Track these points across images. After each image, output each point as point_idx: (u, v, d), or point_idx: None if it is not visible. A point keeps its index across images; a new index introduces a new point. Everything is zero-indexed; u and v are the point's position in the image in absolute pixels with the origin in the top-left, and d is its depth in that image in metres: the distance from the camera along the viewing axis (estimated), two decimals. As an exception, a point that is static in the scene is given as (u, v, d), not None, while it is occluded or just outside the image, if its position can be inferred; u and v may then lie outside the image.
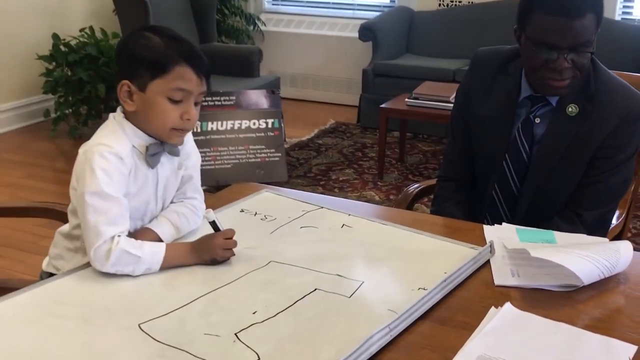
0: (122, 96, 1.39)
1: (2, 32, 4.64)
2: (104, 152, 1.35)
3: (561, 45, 1.55)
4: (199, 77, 1.38)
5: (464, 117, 1.82)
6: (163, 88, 1.36)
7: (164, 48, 1.37)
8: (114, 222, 1.34)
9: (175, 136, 1.42)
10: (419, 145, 4.67)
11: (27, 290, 1.27)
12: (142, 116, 1.40)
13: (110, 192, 1.34)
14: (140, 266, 1.34)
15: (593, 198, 1.69)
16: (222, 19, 5.49)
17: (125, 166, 1.38)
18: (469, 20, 5.06)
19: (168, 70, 1.35)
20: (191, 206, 1.53)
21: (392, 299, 1.28)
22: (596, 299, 1.29)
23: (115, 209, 1.34)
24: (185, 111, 1.39)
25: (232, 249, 1.40)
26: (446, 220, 1.68)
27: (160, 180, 1.47)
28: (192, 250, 1.39)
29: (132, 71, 1.38)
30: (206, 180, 3.84)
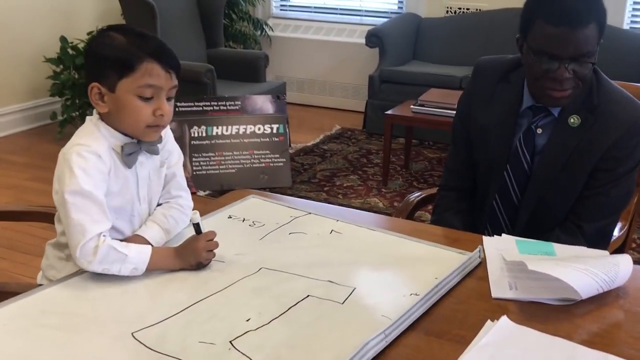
0: (94, 99, 1.39)
1: (10, 34, 4.66)
2: (81, 152, 1.35)
3: (562, 55, 1.54)
4: (167, 72, 1.37)
5: (466, 126, 1.81)
6: (132, 86, 1.36)
7: (128, 46, 1.36)
8: (98, 220, 1.34)
9: (151, 133, 1.42)
10: (425, 152, 4.65)
11: (16, 300, 1.26)
12: (116, 116, 1.39)
13: (91, 190, 1.34)
14: (127, 265, 1.33)
15: (594, 210, 1.68)
16: (229, 24, 5.50)
17: (105, 165, 1.38)
18: (476, 27, 5.05)
19: (135, 68, 1.35)
20: (178, 205, 1.53)
21: (384, 305, 1.27)
22: (594, 313, 1.28)
23: (97, 207, 1.34)
24: (157, 107, 1.38)
25: (213, 250, 1.40)
26: (445, 230, 1.67)
27: (140, 179, 1.46)
28: (177, 254, 1.39)
29: (99, 73, 1.38)
30: (210, 184, 3.86)
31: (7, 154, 4.34)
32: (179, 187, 1.56)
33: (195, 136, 3.92)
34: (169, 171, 1.54)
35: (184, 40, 4.67)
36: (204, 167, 3.91)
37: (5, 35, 4.63)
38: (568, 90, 1.59)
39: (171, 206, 1.53)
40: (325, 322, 1.21)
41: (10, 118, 4.74)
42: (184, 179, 1.58)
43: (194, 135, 3.92)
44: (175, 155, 1.56)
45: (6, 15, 4.63)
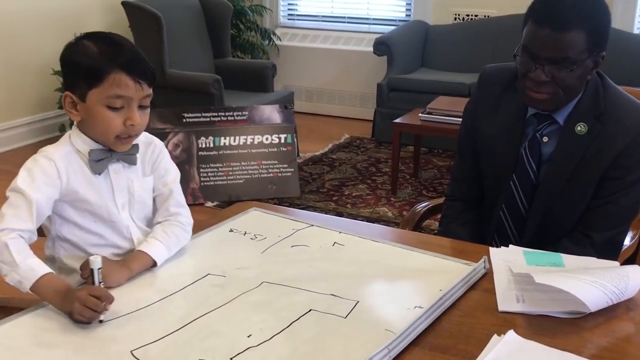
0: (67, 107, 1.40)
1: (18, 47, 4.69)
2: (36, 157, 1.39)
3: (540, 55, 1.54)
4: (136, 83, 1.36)
5: (472, 136, 1.79)
6: (100, 97, 1.35)
7: (97, 56, 1.35)
8: (19, 216, 1.32)
9: (121, 143, 1.42)
10: (434, 160, 4.62)
11: (14, 318, 1.25)
12: (88, 125, 1.41)
13: (24, 189, 1.33)
14: (14, 275, 1.26)
15: (603, 219, 1.65)
16: (237, 34, 5.50)
17: (55, 167, 1.38)
18: (484, 34, 5.03)
19: (103, 78, 1.34)
20: (178, 223, 1.52)
21: (388, 318, 1.26)
22: (604, 326, 1.24)
23: (25, 205, 1.33)
24: (127, 117, 1.38)
25: (95, 311, 1.21)
26: (451, 241, 1.64)
27: (116, 187, 1.46)
28: (62, 293, 1.25)
29: (71, 82, 1.38)
30: (218, 195, 3.85)
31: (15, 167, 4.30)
32: (178, 204, 1.54)
33: (202, 147, 3.91)
34: (165, 189, 1.53)
35: (191, 50, 4.68)
36: (212, 177, 3.89)
37: (13, 48, 4.65)
38: (545, 95, 1.58)
39: (172, 223, 1.51)
40: (328, 337, 1.19)
41: (18, 131, 4.76)
42: (182, 196, 1.56)
43: (201, 146, 3.91)
44: (172, 172, 1.55)
45: (14, 28, 4.65)
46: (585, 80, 1.60)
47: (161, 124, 3.88)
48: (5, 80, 4.66)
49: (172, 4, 4.65)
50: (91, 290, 1.23)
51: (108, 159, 1.43)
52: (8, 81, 4.67)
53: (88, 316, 1.21)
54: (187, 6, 4.78)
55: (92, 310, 1.20)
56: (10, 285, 1.32)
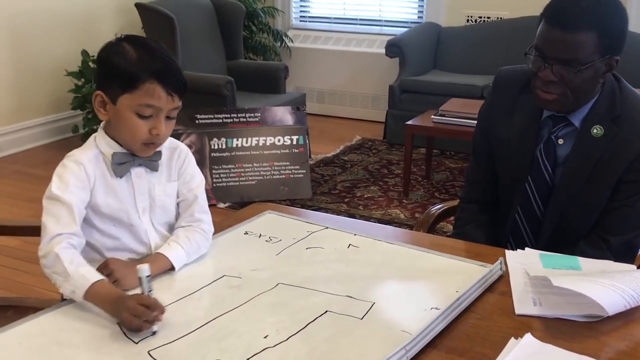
0: (96, 105, 1.41)
1: (32, 49, 4.72)
2: (64, 162, 1.40)
3: (548, 54, 1.55)
4: (169, 95, 1.37)
5: (487, 138, 1.78)
6: (132, 103, 1.37)
7: (136, 62, 1.36)
8: (60, 222, 1.34)
9: (144, 150, 1.43)
10: (446, 162, 4.61)
11: (33, 318, 1.26)
12: (114, 127, 1.42)
13: (59, 195, 1.35)
14: (67, 285, 1.27)
15: (620, 222, 1.64)
16: (249, 35, 5.51)
17: (84, 171, 1.39)
18: (496, 36, 5.01)
19: (137, 86, 1.35)
20: (201, 230, 1.51)
21: (404, 319, 1.26)
22: (622, 330, 1.24)
23: (64, 210, 1.34)
24: (154, 127, 1.39)
25: (145, 320, 1.19)
26: (466, 244, 1.64)
27: (138, 191, 1.46)
28: (114, 300, 1.24)
29: (105, 82, 1.39)
30: (230, 196, 3.85)
31: (29, 167, 4.38)
32: (202, 210, 1.54)
33: (215, 148, 3.92)
34: (190, 194, 1.53)
35: (204, 52, 4.69)
36: (224, 179, 3.90)
37: (27, 50, 4.68)
38: (553, 95, 1.58)
39: (194, 229, 1.51)
40: (344, 338, 1.19)
41: (32, 132, 4.79)
42: (206, 202, 1.56)
43: (213, 147, 3.92)
44: (197, 178, 1.56)
45: (28, 30, 4.68)
46: (596, 83, 1.59)
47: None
48: (18, 81, 4.69)
49: (185, 5, 4.67)
50: (140, 300, 1.21)
51: (130, 162, 1.44)
52: (21, 82, 4.70)
53: (136, 325, 1.18)
54: (200, 8, 4.80)
55: (141, 319, 1.18)
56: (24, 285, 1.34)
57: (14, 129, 4.70)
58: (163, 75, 1.36)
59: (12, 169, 4.37)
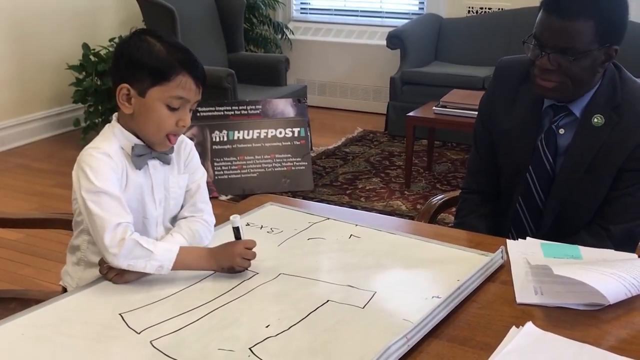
0: (121, 99, 1.40)
1: (33, 42, 4.72)
2: (92, 153, 1.38)
3: (545, 43, 1.55)
4: (197, 87, 1.40)
5: (488, 128, 1.78)
6: (163, 95, 1.38)
7: (166, 55, 1.38)
8: (117, 213, 1.34)
9: (166, 143, 1.44)
10: (447, 154, 4.61)
11: (36, 309, 1.26)
12: (138, 120, 1.41)
13: (102, 186, 1.34)
14: (152, 262, 1.33)
15: (621, 212, 1.64)
16: (250, 28, 5.51)
17: (115, 163, 1.39)
18: (498, 26, 5.00)
19: (170, 78, 1.37)
20: (203, 221, 1.52)
21: (406, 308, 1.26)
22: (623, 319, 1.24)
23: (114, 202, 1.35)
24: (180, 118, 1.41)
25: (250, 260, 1.38)
26: (468, 234, 1.64)
27: (155, 183, 1.47)
28: (210, 255, 1.39)
29: (132, 75, 1.39)
30: (232, 189, 3.86)
31: (32, 160, 4.39)
32: (203, 200, 1.56)
33: (216, 141, 3.92)
34: (194, 185, 1.55)
35: (205, 44, 4.69)
36: (226, 171, 3.91)
37: (29, 43, 4.68)
38: (551, 83, 1.58)
39: (196, 220, 1.52)
40: (345, 327, 1.20)
41: (34, 125, 4.79)
42: (207, 193, 1.58)
43: (215, 140, 3.92)
44: (200, 171, 1.58)
45: (30, 24, 4.68)
46: (595, 72, 1.59)
47: (175, 117, 3.90)
48: (20, 75, 4.69)
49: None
50: (246, 244, 1.39)
51: (148, 155, 1.44)
52: (24, 76, 4.71)
53: (247, 265, 1.38)
54: (200, 0, 4.79)
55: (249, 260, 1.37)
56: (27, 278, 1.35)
57: (16, 122, 4.70)
58: (193, 67, 1.39)
59: (15, 162, 4.38)
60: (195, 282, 1.36)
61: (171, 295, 1.31)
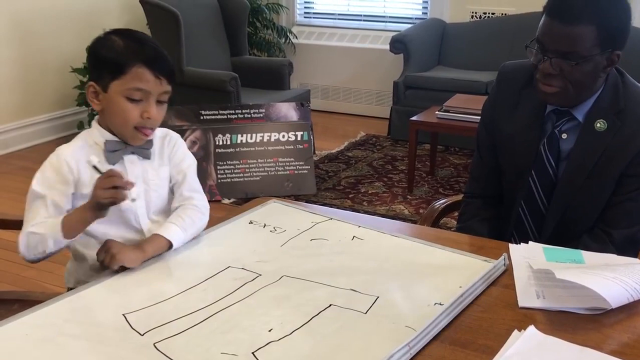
0: (90, 96, 1.48)
1: (37, 45, 4.73)
2: (51, 157, 1.48)
3: (547, 47, 1.56)
4: (157, 78, 1.44)
5: (490, 133, 1.79)
6: (122, 88, 1.44)
7: (123, 49, 1.44)
8: (36, 218, 1.44)
9: (137, 136, 1.48)
10: (450, 158, 4.61)
11: (39, 308, 1.27)
12: (107, 115, 1.48)
13: (38, 190, 1.45)
14: (49, 242, 1.41)
15: (623, 216, 1.64)
16: (254, 32, 5.52)
17: (65, 165, 1.46)
18: (501, 31, 5.00)
19: (125, 71, 1.42)
20: (192, 206, 1.56)
21: (408, 315, 1.26)
22: (625, 323, 1.24)
23: (39, 206, 1.44)
24: (144, 110, 1.45)
25: (117, 188, 1.34)
26: (470, 238, 1.64)
27: (131, 177, 1.50)
28: (83, 207, 1.41)
29: (96, 72, 1.47)
30: (235, 192, 3.87)
31: (35, 163, 4.36)
32: (191, 188, 1.59)
33: (220, 144, 3.93)
34: (180, 175, 1.59)
35: (209, 48, 4.70)
36: (229, 175, 3.92)
37: (33, 46, 4.70)
38: (552, 87, 1.58)
39: (186, 207, 1.56)
40: (348, 332, 1.20)
41: (38, 128, 4.81)
42: (197, 182, 1.62)
43: (218, 143, 3.93)
44: (187, 160, 1.62)
45: (34, 27, 4.70)
46: (597, 77, 1.59)
47: (179, 121, 3.91)
48: (24, 78, 4.71)
49: (190, 2, 4.68)
50: (105, 175, 1.36)
51: (122, 150, 1.50)
52: (27, 79, 4.72)
53: (110, 195, 1.33)
54: (204, 4, 4.81)
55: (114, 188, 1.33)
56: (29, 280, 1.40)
57: (20, 125, 4.72)
58: (150, 60, 1.43)
59: (18, 164, 4.39)
60: (199, 283, 1.36)
61: (174, 296, 1.31)
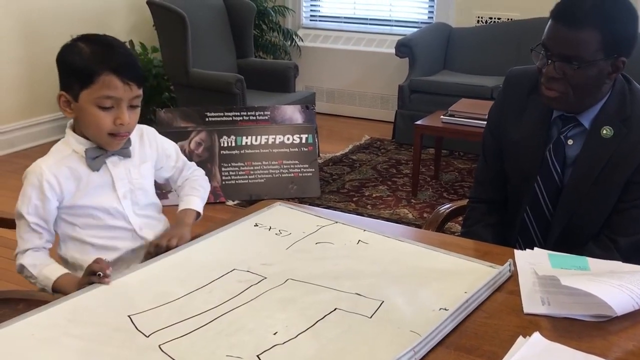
0: (62, 106, 1.49)
1: (44, 45, 4.74)
2: (27, 174, 1.50)
3: (551, 50, 1.57)
4: (125, 84, 1.44)
5: (496, 138, 1.79)
6: (92, 97, 1.44)
7: (89, 57, 1.44)
8: (25, 238, 1.50)
9: (113, 142, 1.50)
10: (455, 163, 4.61)
11: (45, 309, 1.27)
12: (80, 123, 1.50)
13: (22, 212, 1.49)
14: (39, 285, 1.48)
15: (629, 223, 1.64)
16: (260, 34, 5.53)
17: (45, 181, 1.47)
18: (507, 37, 5.00)
19: (94, 80, 1.43)
20: (196, 177, 1.74)
21: (413, 319, 1.25)
22: (630, 330, 1.24)
23: (26, 227, 1.49)
24: (117, 117, 1.46)
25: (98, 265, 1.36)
26: (475, 243, 1.64)
27: (116, 178, 1.54)
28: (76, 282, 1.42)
29: (66, 82, 1.48)
30: (239, 194, 3.88)
31: (40, 163, 4.41)
32: (186, 165, 1.74)
33: (224, 146, 3.94)
34: (179, 162, 1.71)
35: (215, 50, 4.71)
36: (233, 176, 3.92)
37: (39, 47, 4.71)
38: (555, 91, 1.59)
39: (192, 179, 1.72)
40: (353, 336, 1.20)
41: (44, 127, 4.82)
42: (181, 155, 1.73)
43: (223, 145, 3.94)
44: (171, 147, 1.70)
45: (40, 27, 4.71)
46: (602, 83, 1.59)
47: (184, 122, 3.92)
48: (30, 78, 4.72)
49: (196, 4, 4.69)
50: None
51: (103, 155, 1.52)
52: (32, 79, 4.73)
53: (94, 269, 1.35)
54: (211, 6, 4.82)
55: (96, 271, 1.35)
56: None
57: (25, 124, 4.74)
58: (117, 67, 1.43)
59: (22, 164, 4.36)
60: (204, 285, 1.36)
61: (180, 298, 1.31)
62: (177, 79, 4.51)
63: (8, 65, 4.58)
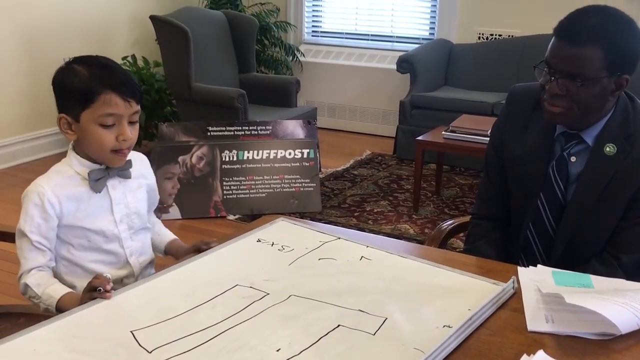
0: (62, 128, 1.50)
1: (47, 59, 4.76)
2: (28, 192, 1.50)
3: (555, 67, 1.58)
4: (125, 101, 1.47)
5: (499, 155, 1.79)
6: (93, 116, 1.46)
7: (87, 78, 1.46)
8: (28, 258, 1.50)
9: (116, 159, 1.52)
10: (456, 179, 4.61)
11: (47, 324, 1.27)
12: (83, 144, 1.51)
13: (24, 231, 1.49)
14: (42, 305, 1.48)
15: (632, 241, 1.64)
16: (262, 49, 5.55)
17: (47, 201, 1.48)
18: (508, 53, 5.02)
19: (94, 99, 1.45)
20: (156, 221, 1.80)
21: (417, 337, 1.25)
22: (634, 349, 1.24)
23: (29, 245, 1.49)
24: (119, 133, 1.49)
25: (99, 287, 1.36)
26: (478, 260, 1.64)
27: (114, 202, 1.56)
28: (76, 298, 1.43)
29: (65, 104, 1.49)
30: (240, 208, 3.87)
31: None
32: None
33: (226, 160, 3.95)
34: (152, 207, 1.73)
35: (217, 65, 4.73)
36: (235, 191, 3.92)
37: (42, 60, 4.72)
38: (558, 108, 1.59)
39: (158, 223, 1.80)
40: (356, 353, 1.19)
41: (46, 141, 4.83)
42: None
43: (225, 160, 3.94)
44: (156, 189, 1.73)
45: (43, 40, 4.73)
46: (605, 100, 1.60)
47: (186, 136, 3.92)
48: (33, 91, 4.73)
49: (199, 19, 4.71)
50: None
51: (106, 177, 1.54)
52: (36, 92, 4.75)
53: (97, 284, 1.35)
54: (214, 21, 4.84)
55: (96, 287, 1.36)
56: None
57: (27, 137, 4.74)
58: (115, 84, 1.46)
59: (24, 177, 4.40)
60: (207, 301, 1.36)
61: (183, 313, 1.31)
62: (179, 94, 4.52)
63: (11, 78, 4.60)
